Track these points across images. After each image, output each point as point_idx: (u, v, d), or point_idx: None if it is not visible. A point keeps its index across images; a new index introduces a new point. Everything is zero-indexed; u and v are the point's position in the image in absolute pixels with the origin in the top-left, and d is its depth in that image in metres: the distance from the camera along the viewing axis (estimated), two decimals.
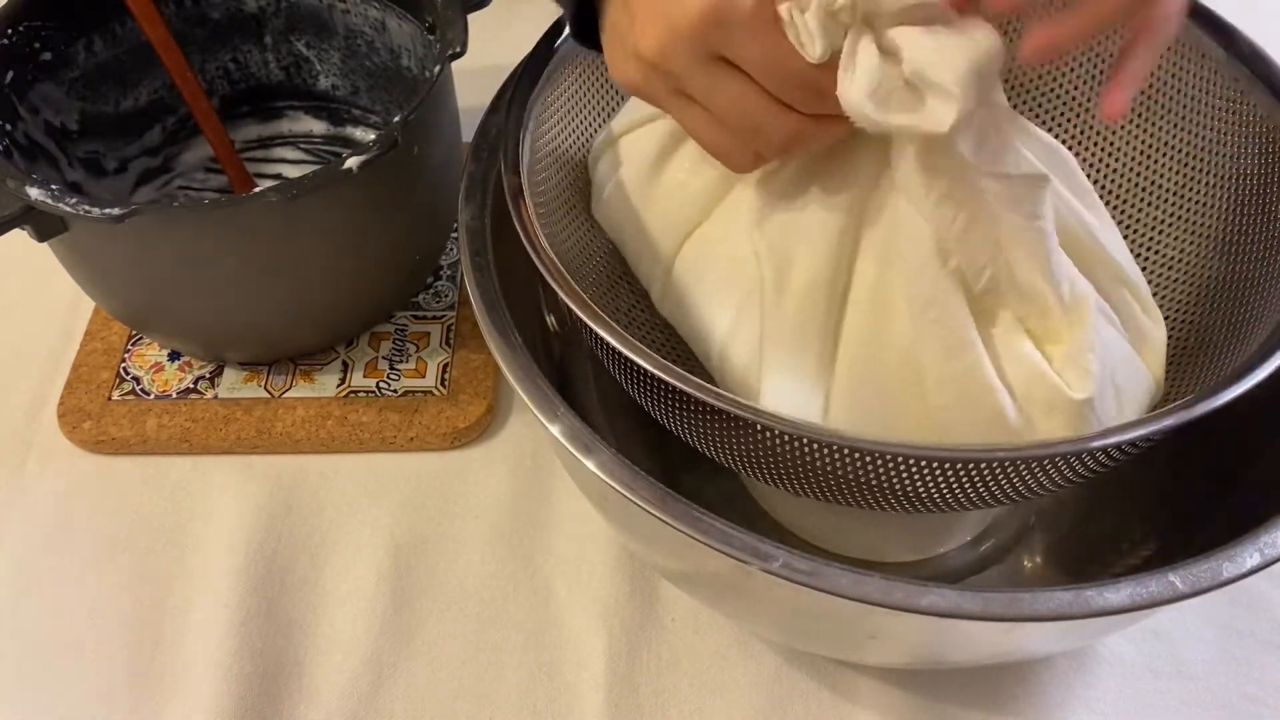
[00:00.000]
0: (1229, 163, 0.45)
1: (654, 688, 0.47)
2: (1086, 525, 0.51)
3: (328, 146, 0.67)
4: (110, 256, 0.51)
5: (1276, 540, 0.36)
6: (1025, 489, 0.37)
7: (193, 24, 0.62)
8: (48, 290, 0.62)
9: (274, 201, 0.46)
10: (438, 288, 0.61)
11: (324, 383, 0.57)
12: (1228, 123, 0.45)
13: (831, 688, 0.47)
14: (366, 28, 0.61)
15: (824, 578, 0.34)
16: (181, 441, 0.55)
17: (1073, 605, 0.34)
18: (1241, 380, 0.35)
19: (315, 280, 0.53)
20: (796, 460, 0.37)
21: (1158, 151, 0.47)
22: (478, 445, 0.56)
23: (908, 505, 0.38)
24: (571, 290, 0.38)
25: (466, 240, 0.44)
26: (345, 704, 0.47)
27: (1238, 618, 0.49)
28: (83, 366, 0.58)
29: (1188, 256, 0.47)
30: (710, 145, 0.37)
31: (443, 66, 0.51)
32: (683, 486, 0.37)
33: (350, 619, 0.49)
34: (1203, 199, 0.46)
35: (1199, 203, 0.46)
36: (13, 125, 0.53)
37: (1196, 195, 0.46)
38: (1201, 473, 0.48)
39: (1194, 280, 0.46)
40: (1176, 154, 0.47)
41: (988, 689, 0.47)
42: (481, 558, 0.51)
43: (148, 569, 0.51)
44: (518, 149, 0.43)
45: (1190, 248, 0.47)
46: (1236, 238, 0.45)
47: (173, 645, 0.49)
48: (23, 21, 0.54)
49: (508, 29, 0.59)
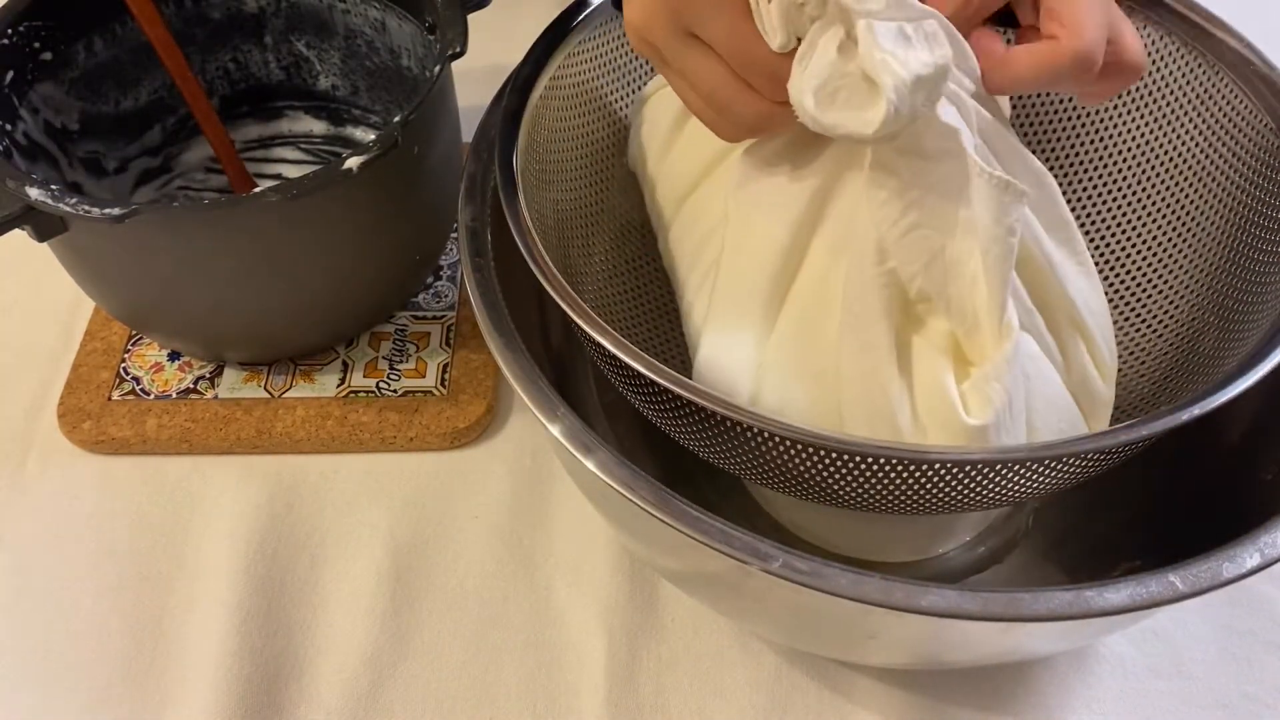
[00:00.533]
0: (1228, 171, 0.45)
1: (654, 688, 0.47)
2: (1086, 525, 0.51)
3: (328, 146, 0.67)
4: (110, 256, 0.51)
5: (1276, 540, 0.36)
6: (1017, 491, 0.37)
7: (193, 24, 0.62)
8: (48, 290, 0.62)
9: (274, 201, 0.46)
10: (438, 288, 0.61)
11: (324, 383, 0.57)
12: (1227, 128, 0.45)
13: (831, 688, 0.47)
14: (366, 28, 0.61)
15: (824, 578, 0.34)
16: (181, 442, 0.55)
17: (1073, 605, 0.34)
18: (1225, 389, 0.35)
19: (315, 280, 0.53)
20: (785, 463, 0.37)
21: (1156, 158, 0.48)
22: (478, 445, 0.56)
23: (899, 507, 0.38)
24: (561, 289, 0.38)
25: (466, 240, 0.44)
26: (345, 704, 0.47)
27: (1238, 618, 0.49)
28: (83, 366, 0.58)
29: (1184, 262, 0.47)
30: (697, 113, 0.38)
31: (443, 66, 0.51)
32: (683, 486, 0.37)
33: (350, 619, 0.49)
34: (1201, 206, 0.46)
35: (1197, 207, 0.46)
36: (13, 125, 0.53)
37: (1194, 201, 0.46)
38: (1201, 473, 0.48)
39: (1190, 285, 0.46)
40: (1175, 160, 0.47)
41: (988, 689, 0.47)
42: (481, 558, 0.51)
43: (148, 569, 0.51)
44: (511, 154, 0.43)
45: (1187, 251, 0.47)
46: (1233, 242, 0.45)
47: (173, 645, 0.49)
48: (23, 21, 0.54)
49: (508, 29, 0.59)
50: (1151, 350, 0.47)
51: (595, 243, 0.49)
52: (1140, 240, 0.49)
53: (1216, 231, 0.46)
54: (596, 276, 0.49)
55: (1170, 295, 0.47)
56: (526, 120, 0.44)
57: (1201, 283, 0.46)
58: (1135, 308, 0.48)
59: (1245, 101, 0.44)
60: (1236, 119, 0.44)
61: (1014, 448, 0.36)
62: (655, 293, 0.50)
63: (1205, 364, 0.44)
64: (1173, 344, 0.46)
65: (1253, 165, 0.44)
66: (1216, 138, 0.45)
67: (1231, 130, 0.45)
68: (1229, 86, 0.44)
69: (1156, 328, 0.48)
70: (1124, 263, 0.49)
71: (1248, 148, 0.44)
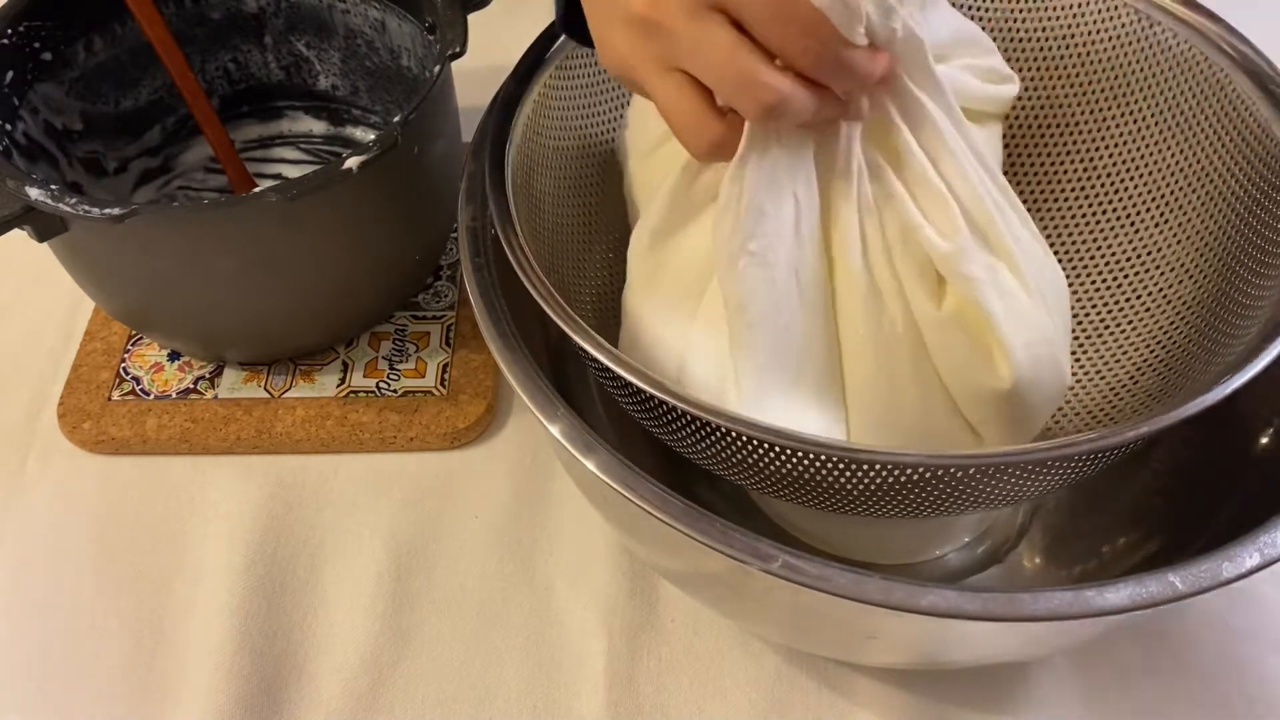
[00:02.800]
0: (1224, 169, 0.45)
1: (654, 687, 0.47)
2: (1086, 525, 0.51)
3: (328, 146, 0.67)
4: (110, 256, 0.51)
5: (1276, 540, 0.35)
6: (1014, 493, 0.37)
7: (193, 24, 0.62)
8: (48, 290, 0.62)
9: (274, 201, 0.46)
10: (438, 288, 0.61)
11: (324, 383, 0.57)
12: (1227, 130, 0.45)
13: (831, 688, 0.47)
14: (366, 28, 0.61)
15: (824, 578, 0.34)
16: (181, 442, 0.55)
17: (1073, 605, 0.34)
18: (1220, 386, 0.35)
19: (315, 280, 0.53)
20: (765, 465, 0.37)
21: (1156, 160, 0.48)
22: (478, 445, 0.56)
23: (899, 510, 0.38)
24: (552, 300, 0.38)
25: (466, 240, 0.44)
26: (345, 704, 0.47)
27: (1238, 618, 0.49)
28: (83, 366, 0.58)
29: (1182, 261, 0.47)
30: (678, 120, 0.36)
31: (443, 66, 0.51)
32: (683, 486, 0.37)
33: (350, 619, 0.49)
34: (1198, 204, 0.46)
35: (1194, 205, 0.46)
36: (13, 125, 0.53)
37: (1192, 199, 0.46)
38: (1202, 473, 0.48)
39: (1189, 284, 0.46)
40: (1173, 160, 0.47)
41: (988, 689, 0.47)
42: (481, 558, 0.51)
43: (148, 569, 0.51)
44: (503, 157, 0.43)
45: (1183, 252, 0.47)
46: (1232, 239, 0.45)
47: (173, 645, 0.49)
48: (23, 21, 0.54)
49: (508, 29, 0.59)
50: (1151, 348, 0.47)
51: (594, 246, 0.50)
52: (1138, 242, 0.49)
53: (1212, 235, 0.46)
54: (596, 279, 0.49)
55: (1174, 284, 0.47)
56: (520, 123, 0.45)
57: (1208, 263, 0.46)
58: (1142, 298, 0.48)
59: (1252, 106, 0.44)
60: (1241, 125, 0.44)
61: (1015, 448, 0.36)
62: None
63: (1205, 363, 0.44)
64: (1173, 344, 0.46)
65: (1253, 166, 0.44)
66: (1222, 143, 0.45)
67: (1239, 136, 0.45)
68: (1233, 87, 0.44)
69: (1157, 319, 0.48)
70: (1124, 266, 0.49)
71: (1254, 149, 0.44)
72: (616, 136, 0.48)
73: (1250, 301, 0.42)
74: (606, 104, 0.50)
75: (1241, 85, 0.44)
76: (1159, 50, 0.46)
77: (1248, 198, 0.44)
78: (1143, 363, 0.47)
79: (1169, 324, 0.47)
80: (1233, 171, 0.45)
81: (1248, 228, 0.44)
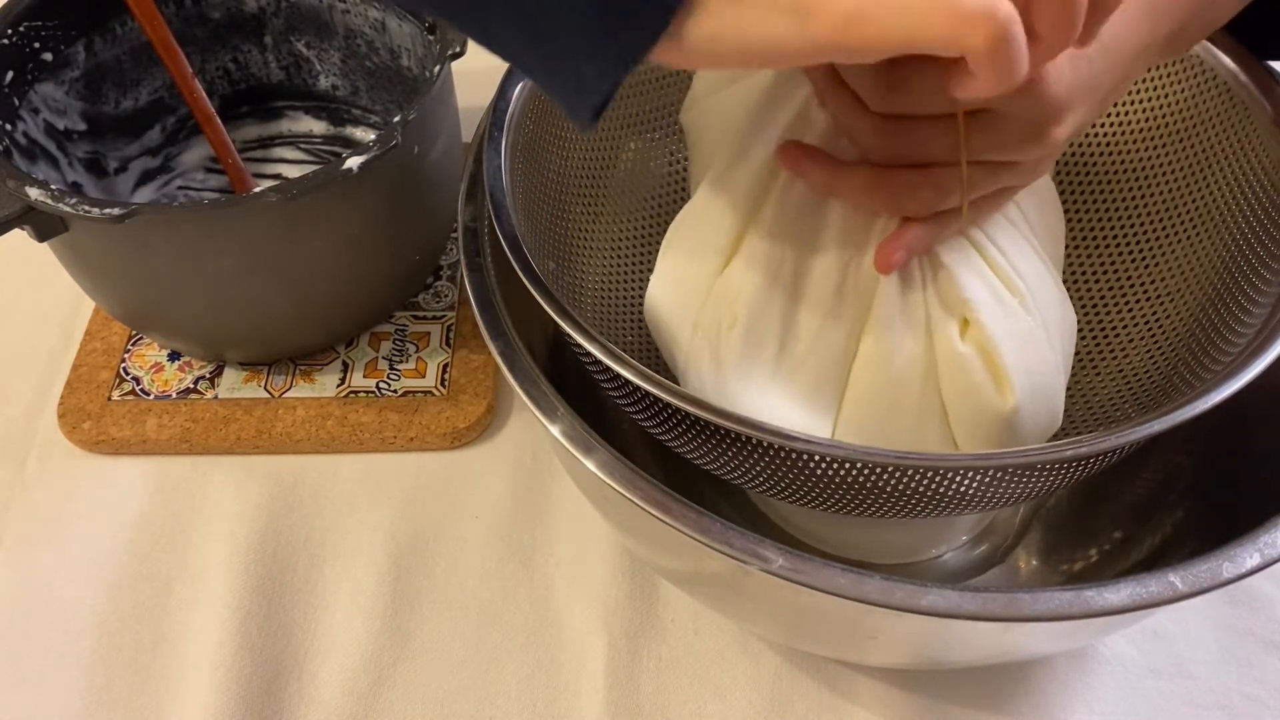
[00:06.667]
0: (1233, 201, 0.45)
1: (654, 688, 0.47)
2: (1086, 526, 0.51)
3: (328, 146, 0.67)
4: (110, 256, 0.51)
5: (1276, 540, 0.36)
6: (1014, 493, 0.37)
7: (193, 24, 0.62)
8: (48, 290, 0.62)
9: (274, 201, 0.46)
10: (438, 288, 0.61)
11: (324, 383, 0.57)
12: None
13: (831, 688, 0.47)
14: (366, 28, 0.61)
15: (824, 578, 0.34)
16: (181, 442, 0.55)
17: (1073, 605, 0.34)
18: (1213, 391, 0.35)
19: (315, 280, 0.53)
20: (788, 473, 0.37)
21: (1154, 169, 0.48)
22: (478, 445, 0.56)
23: (899, 511, 0.38)
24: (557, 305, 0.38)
25: (466, 240, 0.44)
26: (345, 704, 0.47)
27: (1238, 618, 0.49)
28: (83, 366, 0.58)
29: (1184, 268, 0.47)
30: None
31: (443, 66, 0.51)
32: (683, 486, 0.37)
33: (350, 619, 0.49)
34: (1205, 224, 0.46)
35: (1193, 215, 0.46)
36: (13, 125, 0.53)
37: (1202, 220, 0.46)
38: (1201, 473, 0.48)
39: (1192, 287, 0.46)
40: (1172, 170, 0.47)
41: (988, 689, 0.47)
42: (481, 558, 0.51)
43: (148, 569, 0.51)
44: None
45: (1185, 261, 0.47)
46: (1230, 248, 0.45)
47: (173, 645, 0.49)
48: (23, 22, 0.54)
49: None
50: (1150, 352, 0.47)
51: (594, 245, 0.50)
52: (1144, 249, 0.49)
53: (1215, 250, 0.46)
54: (595, 279, 0.49)
55: (1177, 288, 0.47)
56: (520, 123, 0.45)
57: (1212, 268, 0.46)
58: (1144, 302, 0.48)
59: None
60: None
61: (1016, 449, 0.36)
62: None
63: (1205, 364, 0.44)
64: (1170, 349, 0.46)
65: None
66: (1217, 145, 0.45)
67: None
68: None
69: (1158, 314, 0.48)
70: (1124, 271, 0.49)
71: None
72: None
73: (1251, 304, 0.42)
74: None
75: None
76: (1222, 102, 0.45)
77: (1254, 218, 0.44)
78: (1140, 367, 0.47)
79: (1169, 325, 0.47)
80: (1239, 201, 0.44)
81: (1253, 237, 0.44)
